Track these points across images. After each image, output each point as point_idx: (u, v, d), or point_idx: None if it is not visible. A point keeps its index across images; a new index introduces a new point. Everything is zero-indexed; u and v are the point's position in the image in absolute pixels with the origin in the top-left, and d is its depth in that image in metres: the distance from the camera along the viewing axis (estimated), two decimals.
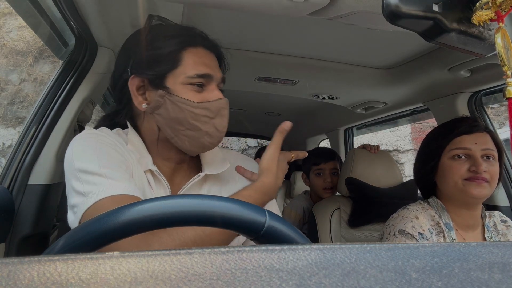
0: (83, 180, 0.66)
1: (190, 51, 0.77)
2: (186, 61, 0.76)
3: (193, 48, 0.77)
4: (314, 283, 0.21)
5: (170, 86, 0.75)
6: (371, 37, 1.29)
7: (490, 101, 1.81)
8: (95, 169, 0.66)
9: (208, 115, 0.76)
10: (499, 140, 1.14)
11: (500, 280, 0.23)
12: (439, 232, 1.08)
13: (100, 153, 0.69)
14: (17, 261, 0.22)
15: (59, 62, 1.54)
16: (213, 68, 0.78)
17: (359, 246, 0.26)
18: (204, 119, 0.76)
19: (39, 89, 5.73)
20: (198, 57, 0.77)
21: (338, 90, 1.99)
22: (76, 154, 0.70)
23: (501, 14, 0.46)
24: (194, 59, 0.76)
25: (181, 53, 0.76)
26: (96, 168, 0.66)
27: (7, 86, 5.78)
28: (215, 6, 0.82)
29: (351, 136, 3.01)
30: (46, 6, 1.20)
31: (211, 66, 0.78)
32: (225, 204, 0.47)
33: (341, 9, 0.76)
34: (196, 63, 0.76)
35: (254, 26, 1.26)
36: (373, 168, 1.71)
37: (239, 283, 0.21)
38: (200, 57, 0.77)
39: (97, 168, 0.66)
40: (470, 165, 1.06)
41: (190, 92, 0.75)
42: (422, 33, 0.50)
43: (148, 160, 0.78)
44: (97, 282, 0.21)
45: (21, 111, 5.72)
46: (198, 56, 0.77)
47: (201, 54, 0.78)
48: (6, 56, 5.80)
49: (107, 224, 0.43)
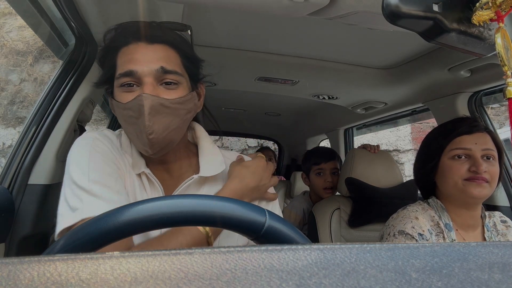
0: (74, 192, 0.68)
1: (122, 52, 0.73)
2: (118, 62, 0.74)
3: (125, 47, 0.73)
4: (314, 283, 0.21)
5: (114, 92, 0.75)
6: (371, 37, 1.29)
7: (490, 101, 1.81)
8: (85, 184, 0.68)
9: (133, 115, 0.71)
10: (499, 140, 1.14)
11: (500, 280, 0.23)
12: (438, 232, 1.08)
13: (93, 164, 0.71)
14: (17, 261, 0.22)
15: (59, 62, 1.54)
16: (143, 62, 0.70)
17: (359, 246, 0.26)
18: (131, 120, 0.72)
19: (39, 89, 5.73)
20: (126, 55, 0.72)
21: (338, 90, 1.99)
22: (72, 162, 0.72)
23: (501, 14, 0.46)
24: (123, 58, 0.72)
25: (116, 56, 0.74)
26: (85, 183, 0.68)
27: (7, 86, 5.78)
28: (215, 6, 0.82)
29: (351, 136, 3.01)
30: (46, 6, 1.20)
31: (139, 60, 0.70)
32: (225, 204, 0.47)
33: (341, 9, 0.76)
34: (123, 62, 0.72)
35: (254, 26, 1.26)
36: (373, 168, 1.71)
37: (239, 283, 0.21)
38: (128, 54, 0.72)
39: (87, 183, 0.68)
40: (470, 165, 1.06)
41: (122, 93, 0.72)
42: (422, 33, 0.50)
43: (141, 163, 0.78)
44: (97, 282, 0.21)
45: (21, 111, 5.72)
46: (127, 54, 0.72)
47: (132, 51, 0.72)
48: (6, 56, 5.80)
49: (107, 224, 0.43)
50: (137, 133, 0.72)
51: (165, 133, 0.72)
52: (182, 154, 0.83)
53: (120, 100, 0.72)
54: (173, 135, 0.75)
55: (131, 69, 0.70)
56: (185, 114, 0.76)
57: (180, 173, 0.82)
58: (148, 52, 0.72)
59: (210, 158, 0.82)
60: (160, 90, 0.72)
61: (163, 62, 0.71)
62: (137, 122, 0.71)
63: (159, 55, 0.72)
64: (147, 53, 0.72)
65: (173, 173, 0.81)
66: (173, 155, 0.80)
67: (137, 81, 0.71)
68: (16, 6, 1.30)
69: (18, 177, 1.22)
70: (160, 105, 0.70)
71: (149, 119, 0.69)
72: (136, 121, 0.71)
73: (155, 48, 0.72)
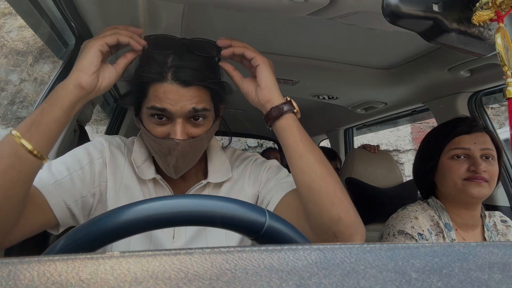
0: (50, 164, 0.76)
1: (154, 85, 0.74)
2: (149, 92, 0.75)
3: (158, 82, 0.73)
4: (314, 283, 0.21)
5: (142, 115, 0.78)
6: (371, 37, 1.29)
7: (490, 101, 1.81)
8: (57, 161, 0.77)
9: (162, 151, 0.75)
10: (498, 140, 1.14)
11: (500, 280, 0.23)
12: (438, 232, 1.08)
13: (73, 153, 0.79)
14: (17, 261, 0.22)
15: (59, 62, 1.54)
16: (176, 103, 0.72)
17: (359, 246, 0.26)
18: (159, 153, 0.76)
19: (39, 89, 5.73)
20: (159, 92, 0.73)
21: (338, 90, 1.99)
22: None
23: (501, 14, 0.46)
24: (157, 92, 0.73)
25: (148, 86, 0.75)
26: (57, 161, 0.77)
27: (7, 86, 5.78)
28: (215, 6, 0.82)
29: (351, 136, 3.01)
30: (46, 6, 1.20)
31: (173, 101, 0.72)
32: (225, 204, 0.47)
33: (341, 9, 0.75)
34: (157, 97, 0.73)
35: (254, 26, 1.26)
36: (373, 168, 1.71)
37: (239, 283, 0.21)
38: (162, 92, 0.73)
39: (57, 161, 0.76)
40: (470, 165, 1.06)
41: (151, 124, 0.75)
42: (422, 33, 0.50)
43: (152, 170, 0.81)
44: (97, 282, 0.21)
45: (21, 111, 5.72)
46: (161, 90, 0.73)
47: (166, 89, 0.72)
48: (6, 56, 5.80)
49: (107, 224, 0.43)
50: (164, 163, 0.78)
51: (191, 161, 0.79)
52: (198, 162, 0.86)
53: (149, 129, 0.75)
54: (195, 161, 0.81)
55: (165, 107, 0.72)
56: (207, 141, 0.81)
57: (192, 178, 0.86)
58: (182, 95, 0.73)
59: (218, 164, 0.86)
60: (189, 127, 0.75)
61: (194, 103, 0.73)
62: (165, 157, 0.76)
63: (191, 95, 0.73)
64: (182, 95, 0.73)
65: (185, 176, 0.84)
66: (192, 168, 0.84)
67: (168, 117, 0.74)
68: (16, 6, 1.30)
69: None
70: (189, 146, 0.75)
71: (178, 160, 0.75)
72: (164, 157, 0.76)
73: (189, 91, 0.73)
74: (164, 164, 0.78)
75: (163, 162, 0.77)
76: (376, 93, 1.91)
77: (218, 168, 0.86)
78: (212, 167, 0.86)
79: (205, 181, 0.83)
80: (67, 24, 1.26)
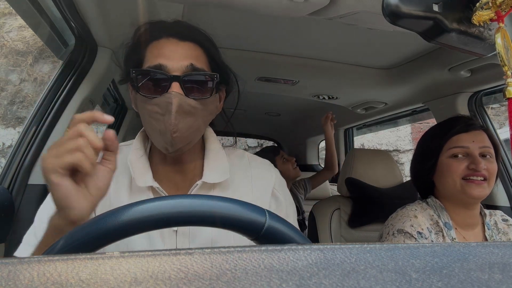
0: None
1: (152, 45, 0.73)
2: (147, 56, 0.73)
3: (156, 41, 0.73)
4: (314, 283, 0.21)
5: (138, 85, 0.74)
6: (371, 37, 1.29)
7: (490, 101, 1.81)
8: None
9: (159, 112, 0.71)
10: (495, 138, 1.14)
11: (500, 280, 0.23)
12: (438, 231, 1.08)
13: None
14: (17, 261, 0.22)
15: (59, 62, 1.54)
16: (173, 58, 0.70)
17: (359, 246, 0.26)
18: (156, 116, 0.71)
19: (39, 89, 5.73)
20: (157, 49, 0.72)
21: (338, 90, 1.99)
22: None
23: (501, 14, 0.46)
24: (153, 51, 0.72)
25: (145, 49, 0.74)
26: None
27: (7, 86, 5.78)
28: (215, 6, 0.82)
29: (351, 136, 3.02)
30: (46, 6, 1.20)
31: (170, 56, 0.70)
32: (225, 205, 0.47)
33: (341, 9, 0.76)
34: (153, 56, 0.71)
35: (254, 26, 1.26)
36: (373, 168, 1.71)
37: (239, 283, 0.21)
38: (159, 49, 0.71)
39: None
40: (469, 163, 1.06)
41: (149, 87, 0.72)
42: (422, 33, 0.50)
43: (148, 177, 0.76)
44: (97, 282, 0.21)
45: (21, 111, 5.72)
46: (157, 48, 0.72)
47: (162, 45, 0.72)
48: (6, 56, 5.80)
49: (107, 225, 0.43)
50: (161, 129, 0.72)
51: (188, 132, 0.73)
52: (197, 155, 0.82)
53: (145, 92, 0.72)
54: (193, 135, 0.75)
55: (161, 63, 0.70)
56: (207, 115, 0.77)
57: (193, 175, 0.81)
58: (179, 48, 0.72)
59: (215, 163, 0.81)
60: (188, 87, 0.72)
61: (192, 59, 0.71)
62: (162, 118, 0.71)
63: (189, 52, 0.72)
64: (177, 49, 0.72)
65: (187, 175, 0.81)
66: (189, 156, 0.80)
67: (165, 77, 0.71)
68: (16, 6, 1.30)
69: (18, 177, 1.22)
70: (187, 104, 0.71)
71: (175, 118, 0.69)
72: (161, 118, 0.71)
73: (186, 45, 0.72)
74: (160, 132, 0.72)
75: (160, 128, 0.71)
76: (376, 93, 1.91)
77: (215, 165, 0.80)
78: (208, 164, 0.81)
79: (200, 181, 0.77)
80: (67, 24, 1.26)
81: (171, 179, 0.80)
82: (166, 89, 0.70)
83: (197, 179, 0.79)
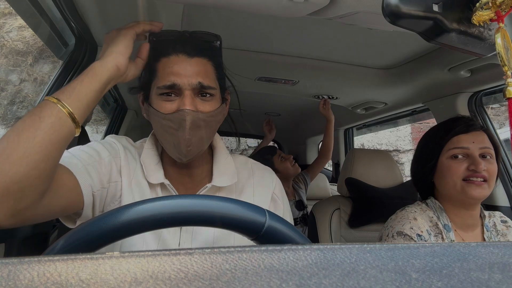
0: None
1: (162, 62, 0.78)
2: (159, 72, 0.78)
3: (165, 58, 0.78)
4: (314, 283, 0.21)
5: (151, 99, 0.80)
6: (371, 37, 1.29)
7: (490, 101, 1.81)
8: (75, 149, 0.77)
9: (172, 127, 0.76)
10: (496, 138, 1.14)
11: (500, 280, 0.23)
12: (437, 233, 1.07)
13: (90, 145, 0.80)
14: (17, 261, 0.22)
15: (59, 62, 1.54)
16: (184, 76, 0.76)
17: (359, 246, 0.26)
18: (170, 130, 0.77)
19: (39, 89, 5.73)
20: (168, 67, 0.77)
21: (338, 90, 1.99)
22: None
23: (501, 14, 0.46)
24: (164, 69, 0.77)
25: (156, 65, 0.79)
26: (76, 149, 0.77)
27: (7, 86, 5.78)
28: (215, 6, 0.82)
29: (351, 136, 3.02)
30: (46, 6, 1.20)
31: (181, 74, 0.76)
32: (225, 205, 0.47)
33: (341, 9, 0.75)
34: (165, 74, 0.76)
35: (254, 26, 1.26)
36: (373, 168, 1.71)
37: (239, 283, 0.21)
38: (169, 67, 0.76)
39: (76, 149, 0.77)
40: (469, 164, 1.06)
41: (161, 102, 0.77)
42: (422, 33, 0.50)
43: (160, 174, 0.82)
44: (97, 282, 0.21)
45: (21, 111, 5.72)
46: (168, 66, 0.77)
47: (172, 63, 0.77)
48: (6, 56, 5.80)
49: (107, 225, 0.43)
50: (175, 143, 0.77)
51: (200, 143, 0.79)
52: (204, 160, 0.87)
53: (159, 109, 0.77)
54: (205, 144, 0.81)
55: (174, 82, 0.75)
56: (216, 125, 0.82)
57: (201, 178, 0.86)
58: (188, 66, 0.77)
59: (224, 168, 0.86)
60: (198, 101, 0.77)
61: (201, 77, 0.77)
62: (176, 133, 0.76)
63: (198, 69, 0.77)
64: (187, 67, 0.77)
65: (194, 178, 0.86)
66: (197, 161, 0.84)
67: (177, 92, 0.76)
68: (16, 6, 1.30)
69: None
70: (200, 119, 0.76)
71: (189, 133, 0.75)
72: (175, 132, 0.76)
73: (195, 62, 0.77)
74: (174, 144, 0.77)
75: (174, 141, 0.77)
76: (376, 93, 1.91)
77: (224, 169, 0.86)
78: (217, 168, 0.86)
79: (210, 184, 0.83)
80: (67, 24, 1.26)
81: (180, 180, 0.85)
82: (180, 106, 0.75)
83: (205, 181, 0.86)
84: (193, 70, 0.76)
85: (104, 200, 0.76)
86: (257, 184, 0.89)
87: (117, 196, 0.78)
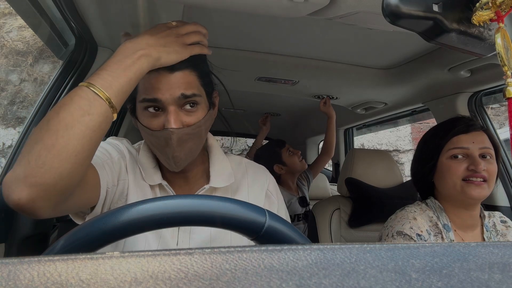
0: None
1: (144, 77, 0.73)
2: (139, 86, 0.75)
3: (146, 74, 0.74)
4: (314, 283, 0.21)
5: (138, 113, 0.78)
6: (371, 37, 1.29)
7: (490, 101, 1.81)
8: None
9: (160, 143, 0.75)
10: (496, 139, 1.14)
11: (500, 280, 0.23)
12: (437, 233, 1.07)
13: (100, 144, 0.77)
14: (17, 261, 0.22)
15: (59, 62, 1.54)
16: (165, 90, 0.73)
17: (359, 246, 0.26)
18: (158, 146, 0.76)
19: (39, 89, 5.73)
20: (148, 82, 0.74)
21: (338, 90, 1.99)
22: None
23: (501, 14, 0.46)
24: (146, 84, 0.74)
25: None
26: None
27: (7, 86, 5.78)
28: (215, 7, 0.82)
29: (351, 136, 3.02)
30: (46, 6, 1.20)
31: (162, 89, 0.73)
32: (225, 204, 0.47)
33: (341, 9, 0.76)
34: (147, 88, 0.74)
35: (254, 26, 1.26)
36: (373, 168, 1.71)
37: (239, 283, 0.21)
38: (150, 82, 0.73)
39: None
40: (469, 164, 1.06)
41: (147, 117, 0.75)
42: (422, 33, 0.50)
43: (157, 176, 0.82)
44: (97, 282, 0.21)
45: (21, 111, 5.72)
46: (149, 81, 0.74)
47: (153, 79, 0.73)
48: (6, 56, 5.80)
49: (107, 225, 0.43)
50: (164, 157, 0.78)
51: (190, 153, 0.78)
52: (198, 162, 0.87)
53: (145, 123, 0.76)
54: (196, 152, 0.81)
55: (155, 97, 0.73)
56: (205, 131, 0.81)
57: (197, 179, 0.87)
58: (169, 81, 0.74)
59: (220, 169, 0.87)
60: (182, 114, 0.75)
61: (183, 88, 0.74)
62: (164, 149, 0.76)
63: (179, 82, 0.74)
64: (168, 82, 0.74)
65: (190, 179, 0.86)
66: (192, 164, 0.84)
67: (161, 107, 0.74)
68: (16, 6, 1.30)
69: None
70: (185, 134, 0.75)
71: (176, 150, 0.75)
72: (163, 149, 0.76)
73: (175, 77, 0.74)
74: (164, 158, 0.78)
75: (163, 155, 0.77)
76: (376, 93, 1.91)
77: (220, 170, 0.86)
78: (213, 169, 0.86)
79: (208, 185, 0.83)
80: (67, 24, 1.26)
81: (176, 181, 0.85)
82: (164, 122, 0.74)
83: (201, 181, 0.87)
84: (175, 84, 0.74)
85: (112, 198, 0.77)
86: (251, 183, 0.90)
87: (124, 194, 0.79)
